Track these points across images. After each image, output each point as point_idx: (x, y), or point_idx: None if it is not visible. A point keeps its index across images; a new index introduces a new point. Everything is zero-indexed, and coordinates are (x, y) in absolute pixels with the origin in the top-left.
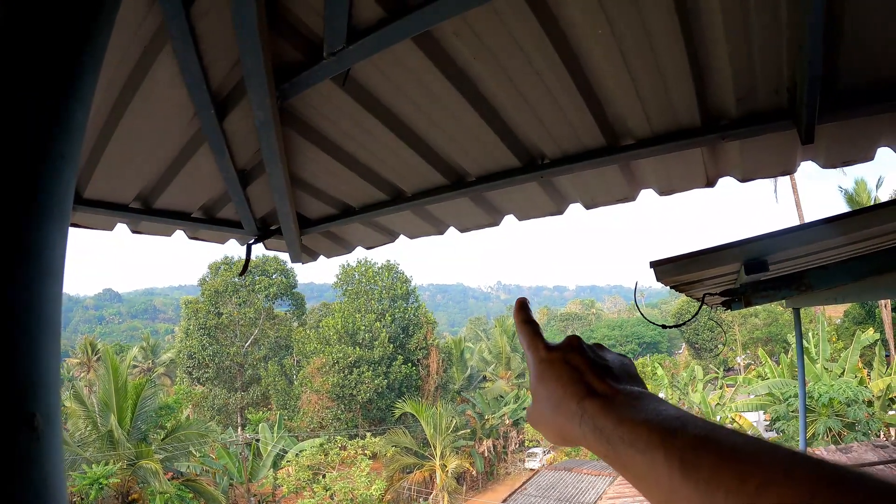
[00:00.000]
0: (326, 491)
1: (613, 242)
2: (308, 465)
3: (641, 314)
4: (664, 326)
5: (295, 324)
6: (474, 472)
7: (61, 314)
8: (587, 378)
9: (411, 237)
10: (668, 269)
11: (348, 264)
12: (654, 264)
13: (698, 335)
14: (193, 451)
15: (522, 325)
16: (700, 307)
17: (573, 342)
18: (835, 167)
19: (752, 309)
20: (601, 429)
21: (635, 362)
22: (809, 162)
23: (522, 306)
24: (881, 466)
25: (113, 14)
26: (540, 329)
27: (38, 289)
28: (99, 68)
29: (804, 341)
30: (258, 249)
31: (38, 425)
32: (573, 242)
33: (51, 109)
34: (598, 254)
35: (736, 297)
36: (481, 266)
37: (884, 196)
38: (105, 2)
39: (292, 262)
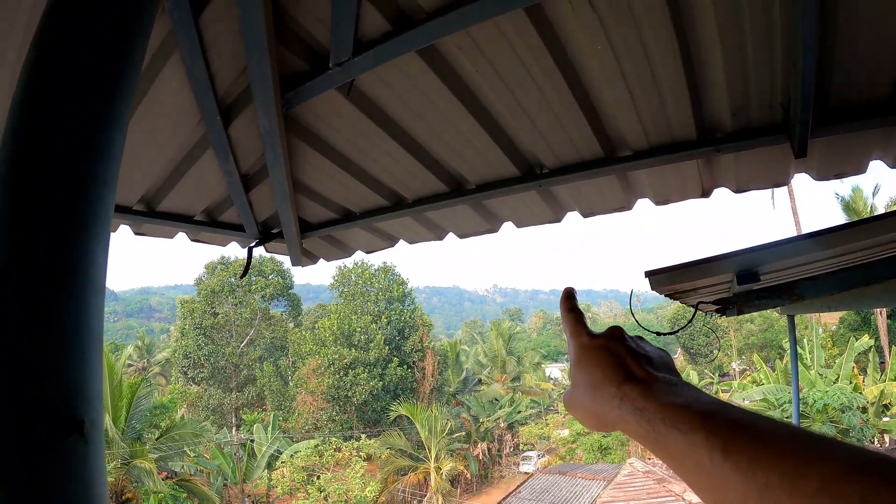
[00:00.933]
0: (321, 492)
1: (610, 247)
2: (302, 467)
3: (636, 321)
4: (659, 333)
5: (291, 325)
6: (468, 475)
7: (103, 325)
8: (627, 364)
9: (411, 242)
10: (663, 279)
11: (345, 266)
12: (649, 273)
13: (693, 340)
14: (188, 451)
15: (567, 314)
16: (693, 315)
17: (615, 332)
18: (827, 180)
19: (747, 315)
20: (641, 410)
21: None
22: (803, 174)
23: (569, 296)
24: None
25: (145, 44)
26: (584, 318)
27: (85, 302)
28: (132, 97)
29: (799, 347)
30: (256, 251)
31: (87, 431)
32: (570, 247)
33: (95, 139)
34: (594, 259)
35: (729, 306)
36: (478, 269)
37: (880, 203)
38: (140, 34)
39: (293, 264)
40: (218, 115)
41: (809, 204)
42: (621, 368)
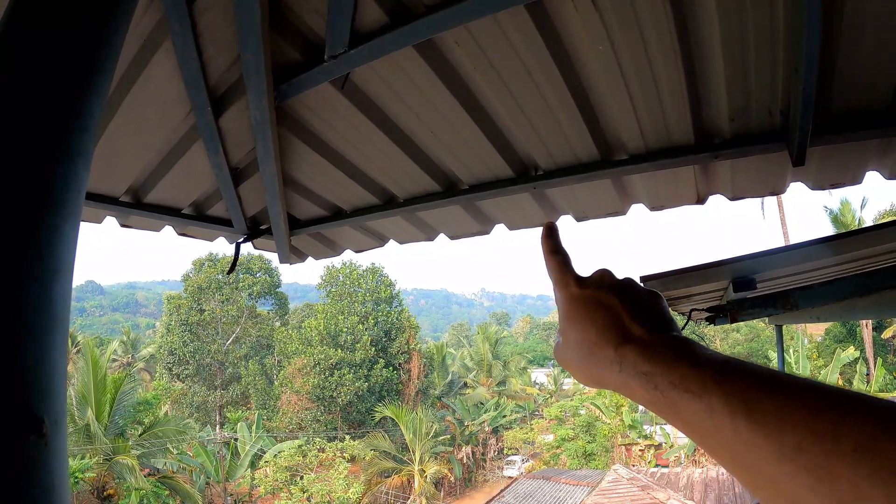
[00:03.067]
0: (304, 493)
1: (599, 253)
2: (286, 467)
3: None
4: None
5: (277, 323)
6: (452, 479)
7: (69, 313)
8: (623, 320)
9: (401, 242)
10: (657, 285)
11: (333, 266)
12: (643, 279)
13: None
14: (171, 448)
15: (550, 256)
16: (686, 322)
17: (606, 277)
18: (823, 189)
19: (734, 324)
20: (646, 374)
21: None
22: (798, 183)
23: (551, 232)
24: None
25: (130, 12)
26: (570, 260)
27: (47, 287)
28: (114, 67)
29: (785, 357)
30: (245, 247)
31: (47, 431)
32: None
33: (70, 107)
34: (584, 264)
35: (722, 314)
36: (466, 273)
37: (868, 216)
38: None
39: (280, 262)
40: (209, 106)
41: (798, 215)
42: (617, 326)
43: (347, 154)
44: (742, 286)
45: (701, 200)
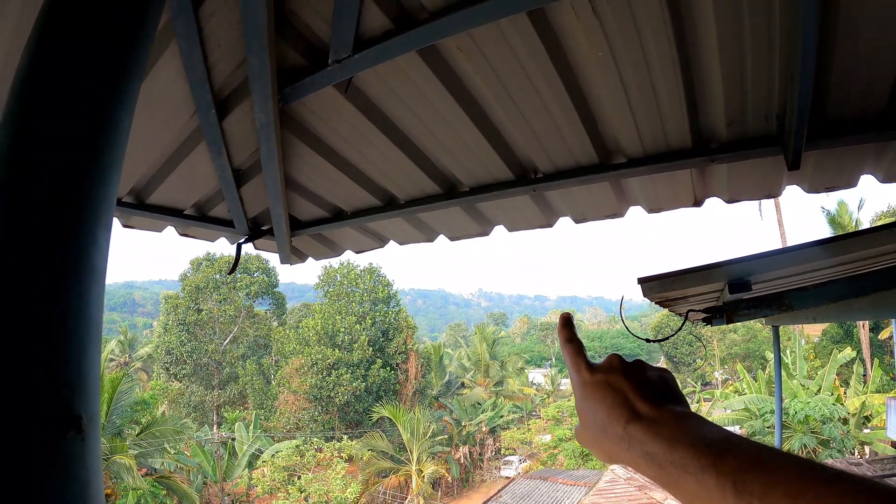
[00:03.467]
0: (301, 493)
1: (596, 254)
2: (283, 467)
3: (626, 328)
4: (648, 340)
5: (275, 323)
6: (450, 479)
7: (103, 315)
8: (631, 400)
9: (401, 243)
10: (655, 286)
11: (331, 266)
12: (641, 280)
13: (677, 349)
14: (168, 448)
15: (566, 345)
16: (683, 323)
17: (614, 362)
18: (819, 192)
19: (731, 325)
20: (651, 454)
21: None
22: (794, 186)
23: (567, 323)
24: None
25: (156, 23)
26: (584, 349)
27: (84, 291)
28: (141, 76)
29: (782, 357)
30: (244, 248)
31: (84, 427)
32: (556, 253)
33: (101, 119)
34: (580, 265)
35: (718, 315)
36: (463, 273)
37: (865, 218)
38: (150, 13)
39: (282, 262)
40: (213, 108)
41: (796, 217)
42: (625, 406)
43: (349, 156)
44: (738, 288)
45: (698, 203)
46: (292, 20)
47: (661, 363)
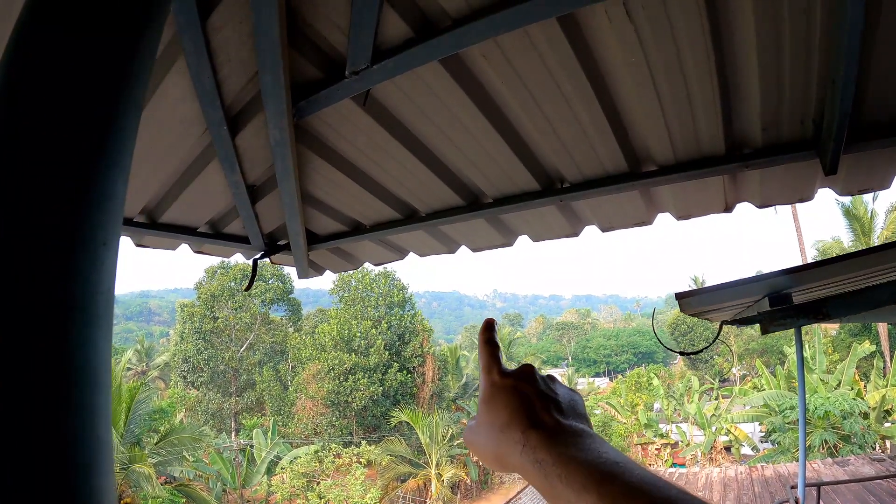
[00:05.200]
0: (321, 499)
1: (610, 253)
2: (302, 473)
3: (659, 341)
4: (683, 353)
5: (290, 329)
6: (469, 481)
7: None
8: (535, 408)
9: (421, 255)
10: (692, 302)
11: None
12: (679, 296)
13: (693, 346)
14: (187, 456)
15: (484, 346)
16: (717, 335)
17: (527, 371)
18: (852, 195)
19: None
20: (541, 462)
21: (631, 373)
22: (827, 189)
23: (489, 326)
24: (879, 481)
25: (164, 18)
26: (500, 353)
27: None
28: (149, 73)
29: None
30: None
31: None
32: (570, 252)
33: (107, 117)
34: (595, 264)
35: (752, 324)
36: (477, 274)
37: (880, 208)
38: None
39: (299, 277)
40: (225, 125)
41: (811, 209)
42: (528, 413)
43: (367, 169)
44: (778, 301)
45: (728, 209)
46: (307, 31)
47: (679, 361)
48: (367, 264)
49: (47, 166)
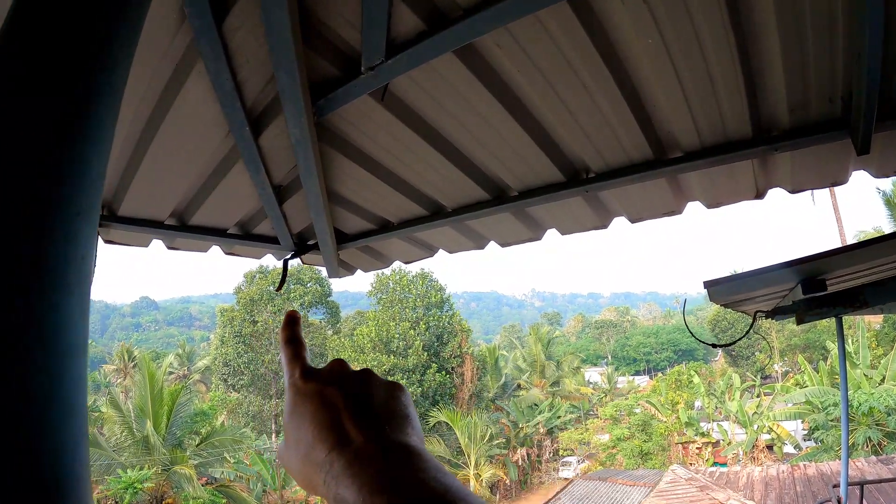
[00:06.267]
0: None
1: (648, 249)
2: None
3: (692, 333)
4: (714, 346)
5: (329, 332)
6: (508, 482)
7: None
8: (342, 420)
9: (451, 252)
10: (722, 290)
11: (383, 273)
12: (707, 284)
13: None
14: (227, 457)
15: (285, 345)
16: (752, 325)
17: (336, 369)
18: (888, 176)
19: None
20: (341, 499)
21: (671, 370)
22: (861, 171)
23: (290, 321)
24: None
25: (143, 13)
26: (304, 350)
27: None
28: (129, 62)
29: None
30: (293, 261)
31: None
32: (608, 249)
33: (81, 84)
34: (632, 260)
35: (786, 314)
36: (515, 274)
37: None
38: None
39: (329, 276)
40: (247, 126)
41: (850, 200)
42: (334, 427)
43: (391, 166)
44: (812, 288)
45: (760, 195)
46: (320, 29)
47: (720, 358)
48: (403, 265)
49: (17, 137)
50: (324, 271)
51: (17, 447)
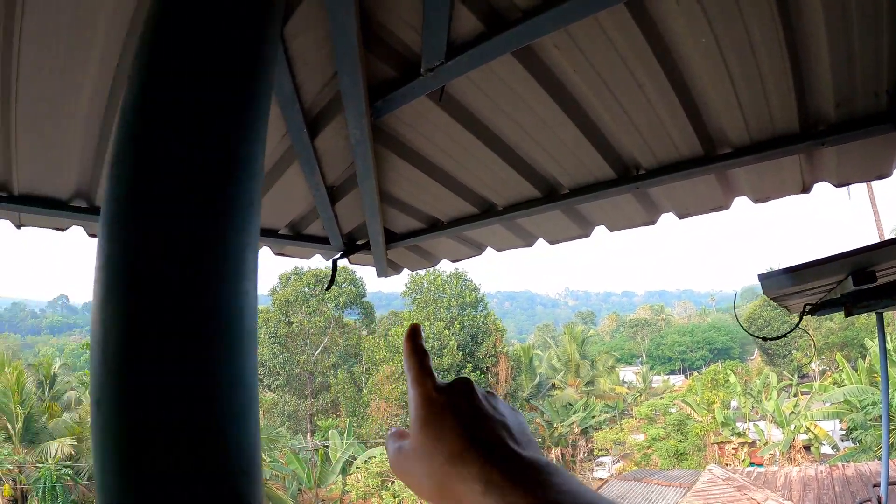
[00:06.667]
0: (395, 498)
1: (681, 246)
2: (377, 472)
3: (743, 328)
4: (765, 339)
5: (364, 332)
6: None
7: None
8: (489, 436)
9: (499, 250)
10: (774, 282)
11: (417, 273)
12: (761, 277)
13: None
14: (263, 456)
15: (411, 354)
16: (800, 319)
17: (467, 386)
18: None
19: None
20: None
21: (707, 369)
22: None
23: (414, 333)
24: None
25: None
26: (429, 361)
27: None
28: (274, 66)
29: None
30: (320, 261)
31: None
32: (641, 247)
33: (235, 154)
34: (666, 258)
35: (834, 307)
36: (549, 273)
37: None
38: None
39: (378, 276)
40: (304, 128)
41: (888, 194)
42: (482, 442)
43: (445, 166)
44: (862, 279)
45: (806, 189)
46: (380, 33)
47: (756, 356)
48: (438, 266)
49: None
50: (358, 272)
51: (223, 436)
